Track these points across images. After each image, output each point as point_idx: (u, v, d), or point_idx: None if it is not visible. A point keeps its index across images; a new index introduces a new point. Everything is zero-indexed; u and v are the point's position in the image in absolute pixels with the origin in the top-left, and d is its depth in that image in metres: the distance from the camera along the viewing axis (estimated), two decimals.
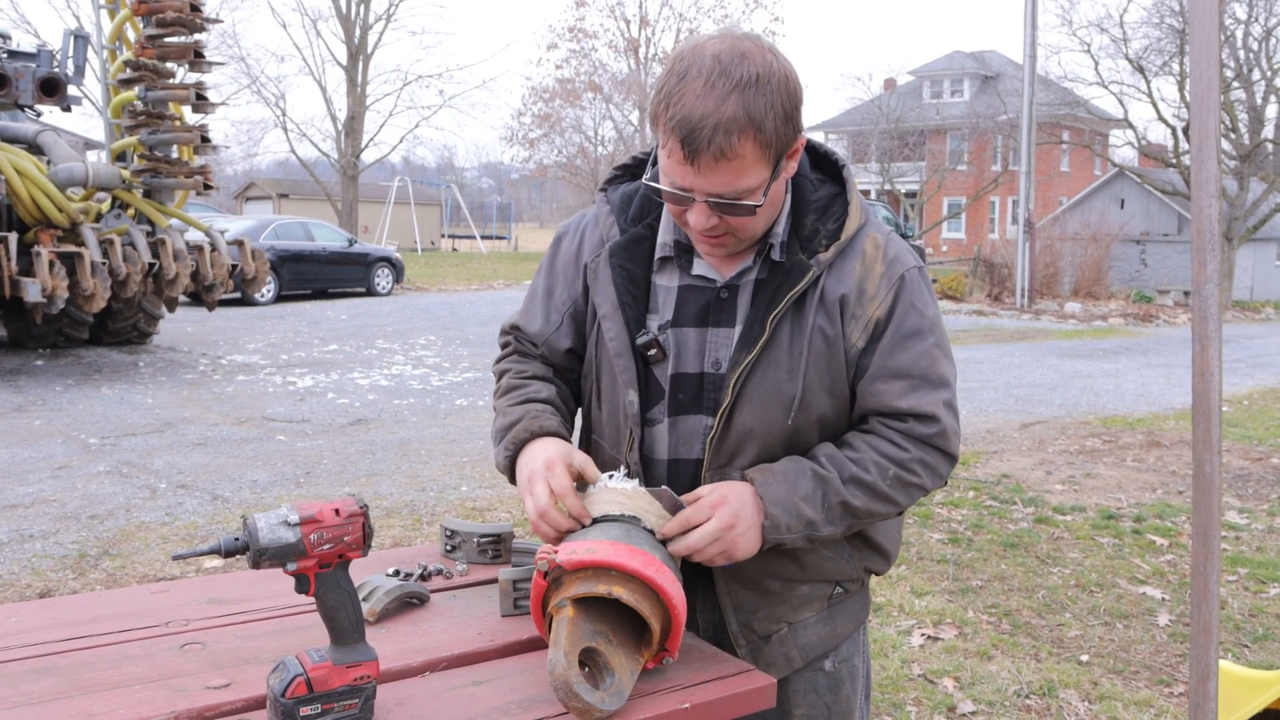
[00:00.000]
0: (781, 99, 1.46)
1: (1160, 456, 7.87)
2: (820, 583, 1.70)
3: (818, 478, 1.56)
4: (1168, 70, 27.00)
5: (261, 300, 19.43)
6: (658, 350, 1.63)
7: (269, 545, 1.27)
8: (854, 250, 1.61)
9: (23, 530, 5.50)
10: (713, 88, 1.43)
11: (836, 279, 1.60)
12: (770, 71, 1.45)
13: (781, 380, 1.58)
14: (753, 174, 1.48)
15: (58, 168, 10.25)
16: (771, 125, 1.45)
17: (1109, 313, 21.97)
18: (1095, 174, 39.57)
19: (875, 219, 1.68)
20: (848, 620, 1.75)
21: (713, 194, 1.49)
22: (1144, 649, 4.20)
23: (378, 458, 7.37)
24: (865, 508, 1.58)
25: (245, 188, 47.84)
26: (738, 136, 1.43)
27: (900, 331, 1.59)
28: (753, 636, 1.69)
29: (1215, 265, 1.90)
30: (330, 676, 1.30)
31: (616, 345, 1.65)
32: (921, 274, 1.64)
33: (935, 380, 1.60)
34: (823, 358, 1.58)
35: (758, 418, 1.59)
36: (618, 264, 1.68)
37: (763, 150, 1.46)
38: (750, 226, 1.56)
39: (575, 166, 49.28)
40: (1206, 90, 1.85)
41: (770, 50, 1.49)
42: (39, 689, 1.40)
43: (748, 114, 1.43)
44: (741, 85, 1.43)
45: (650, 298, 1.68)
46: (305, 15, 64.54)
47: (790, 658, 1.70)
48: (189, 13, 10.42)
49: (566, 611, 1.41)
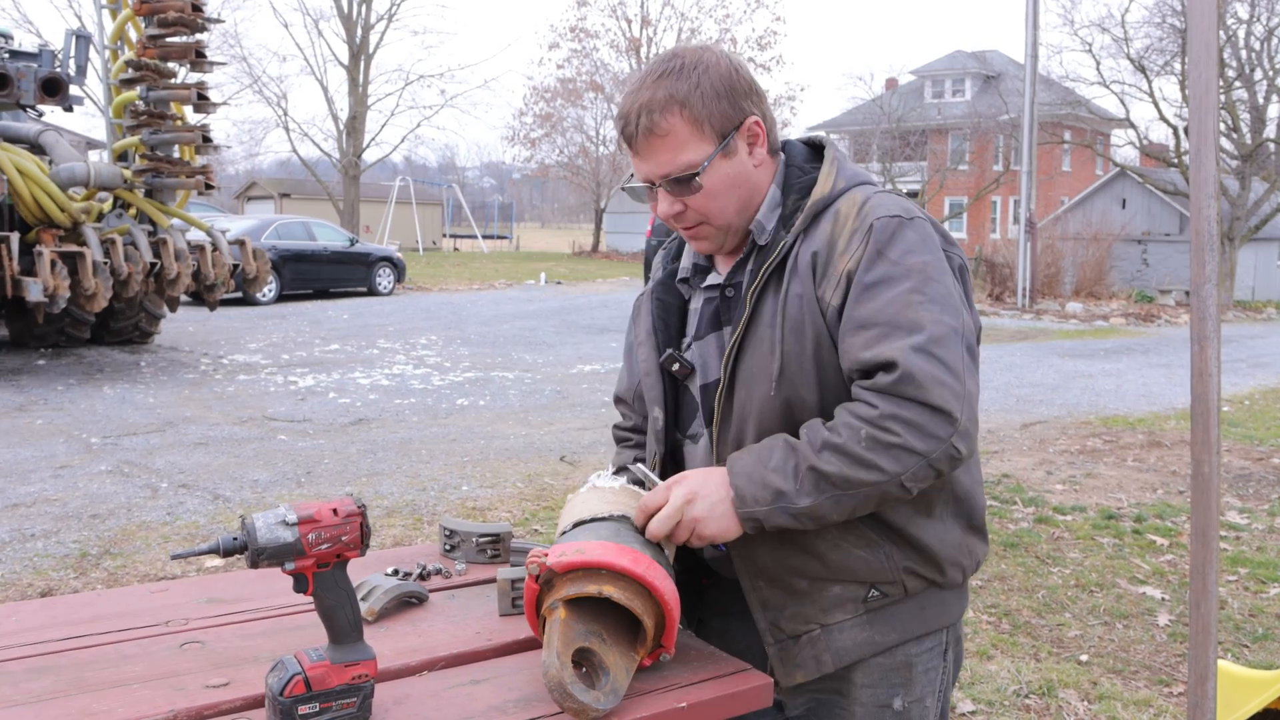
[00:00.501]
0: (710, 79, 1.56)
1: (1161, 456, 7.87)
2: (850, 583, 1.59)
3: (789, 446, 1.50)
4: (1169, 70, 27.00)
5: (263, 300, 19.44)
6: (680, 365, 1.69)
7: (267, 545, 1.28)
8: (829, 212, 1.59)
9: (24, 529, 5.51)
10: (642, 82, 1.59)
11: (809, 241, 1.58)
12: (699, 61, 1.57)
13: (764, 354, 1.57)
14: (690, 149, 1.56)
15: (60, 167, 10.26)
16: (699, 100, 1.55)
17: (1110, 312, 21.96)
18: (1097, 174, 39.56)
19: (865, 186, 1.62)
20: (893, 629, 1.61)
21: (661, 174, 1.59)
22: (1143, 649, 4.20)
23: (378, 457, 7.37)
24: (840, 473, 1.44)
25: (247, 187, 47.84)
26: (660, 113, 1.55)
27: (865, 280, 1.50)
28: (780, 635, 1.62)
29: (1214, 266, 1.90)
30: (328, 675, 1.30)
31: (645, 365, 1.75)
32: (904, 224, 1.53)
33: (905, 325, 1.45)
34: (798, 323, 1.54)
35: (750, 395, 1.59)
36: (656, 297, 1.78)
37: (693, 125, 1.56)
38: (714, 208, 1.61)
39: (577, 166, 49.28)
40: (1205, 91, 1.86)
41: (712, 51, 1.61)
42: (38, 688, 1.41)
43: (669, 94, 1.55)
44: (666, 74, 1.57)
45: (685, 322, 1.76)
46: (307, 15, 64.65)
47: (821, 661, 1.60)
48: (190, 12, 10.43)
49: (559, 613, 1.41)
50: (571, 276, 30.36)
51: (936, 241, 1.55)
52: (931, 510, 1.60)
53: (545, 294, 23.86)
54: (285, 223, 22.56)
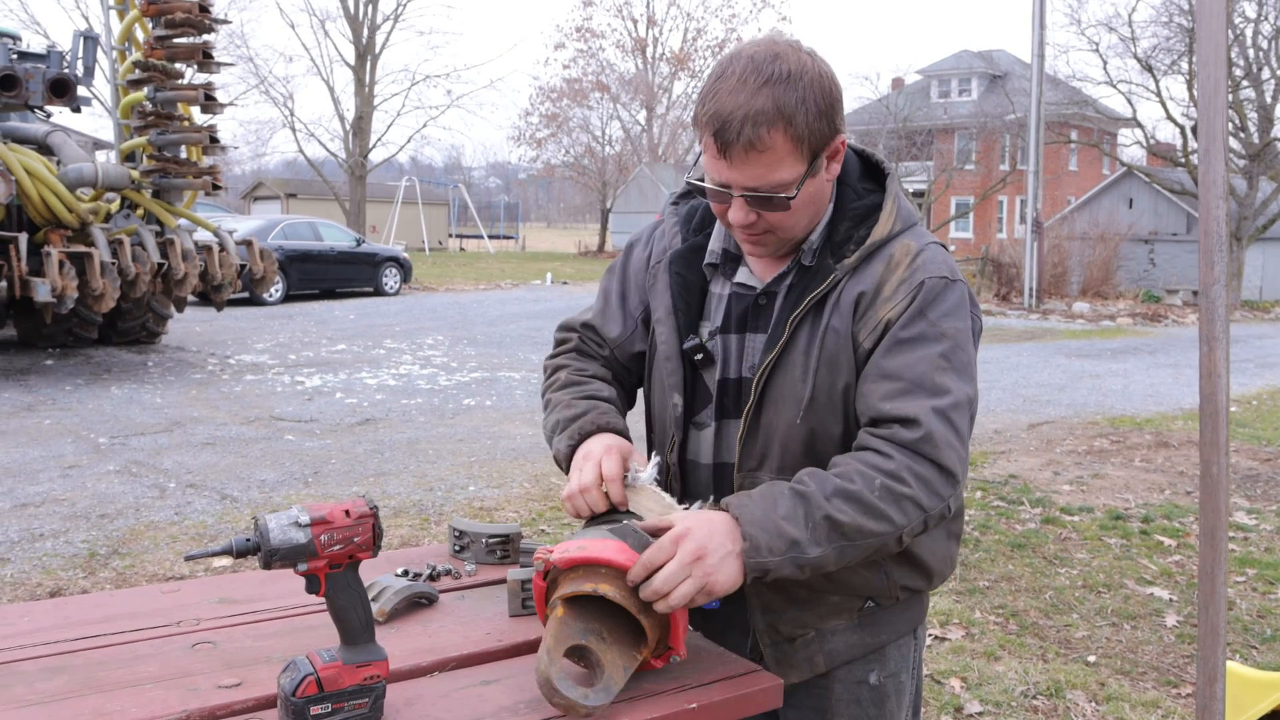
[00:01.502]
0: (815, 95, 1.49)
1: (1168, 457, 7.85)
2: (849, 595, 1.66)
3: (797, 494, 1.47)
4: (1176, 69, 26.92)
5: (270, 300, 19.49)
6: (704, 355, 1.68)
7: (280, 546, 1.29)
8: (881, 254, 1.59)
9: (33, 529, 5.53)
10: (745, 84, 1.47)
11: (857, 280, 1.58)
12: (804, 69, 1.49)
13: (796, 381, 1.58)
14: (785, 167, 1.50)
15: (67, 168, 10.29)
16: (803, 119, 1.48)
17: (1117, 312, 21.92)
18: (1104, 173, 39.48)
19: (921, 231, 1.64)
20: (883, 631, 1.69)
21: (747, 188, 1.52)
22: (1151, 650, 4.20)
23: (385, 457, 7.38)
24: (854, 523, 1.45)
25: (253, 188, 47.93)
26: (767, 128, 1.47)
27: (901, 336, 1.53)
28: (778, 637, 1.67)
29: (1223, 266, 1.89)
30: (340, 676, 1.31)
31: (666, 349, 1.71)
32: (953, 288, 1.57)
33: (930, 388, 1.50)
34: (832, 357, 1.57)
35: (778, 418, 1.60)
36: (675, 271, 1.73)
37: (794, 144, 1.49)
38: (788, 224, 1.58)
39: (582, 166, 49.34)
40: (1214, 91, 1.86)
41: (808, 53, 1.52)
42: (52, 688, 1.41)
43: (777, 107, 1.46)
44: (773, 81, 1.47)
45: (705, 305, 1.72)
46: (313, 16, 64.55)
47: (814, 662, 1.67)
48: (198, 13, 10.45)
49: (557, 611, 1.42)
50: (577, 276, 30.37)
51: (968, 308, 1.59)
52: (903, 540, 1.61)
53: (551, 294, 23.87)
54: (292, 223, 22.59)
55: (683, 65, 48.84)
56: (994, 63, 44.00)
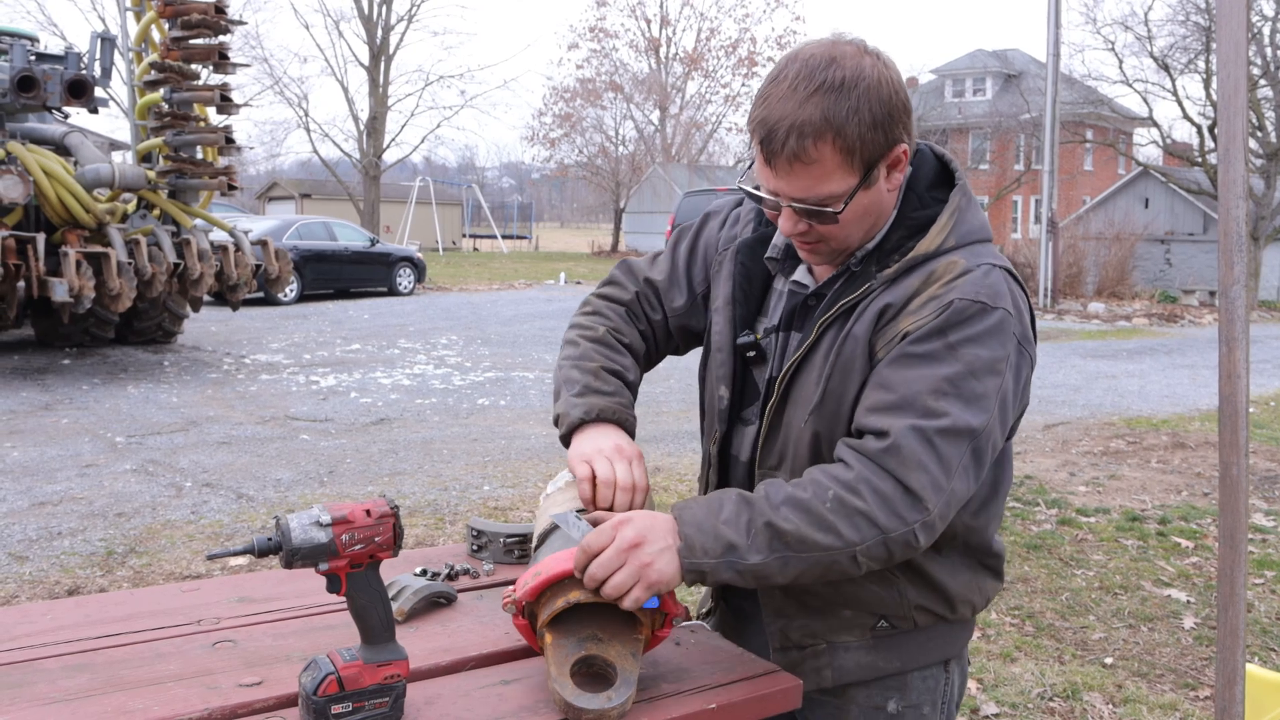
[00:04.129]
0: (870, 104, 1.41)
1: (1185, 458, 7.81)
2: (860, 611, 1.60)
3: (743, 500, 1.43)
4: (1193, 68, 26.78)
5: (284, 300, 19.56)
6: (757, 353, 1.64)
7: (302, 545, 1.29)
8: (923, 269, 1.51)
9: (51, 527, 5.56)
10: (795, 90, 1.41)
11: (891, 291, 1.51)
12: (860, 76, 1.41)
13: (811, 383, 1.54)
14: (834, 180, 1.44)
15: (85, 169, 10.35)
16: (855, 130, 1.41)
17: (1133, 313, 21.80)
18: (1119, 173, 39.31)
19: (981, 250, 1.54)
20: (897, 658, 1.62)
21: (794, 198, 1.47)
22: (1169, 652, 4.18)
23: (400, 457, 7.41)
24: (797, 532, 1.38)
25: (268, 188, 48.14)
26: (813, 140, 1.41)
27: (911, 351, 1.45)
28: (787, 643, 1.64)
29: (1242, 267, 1.89)
30: (361, 675, 1.31)
31: (719, 340, 1.69)
32: (987, 314, 1.44)
33: (919, 408, 1.41)
34: (846, 363, 1.51)
35: (792, 417, 1.57)
36: (740, 260, 1.70)
37: (844, 156, 1.42)
38: (840, 235, 1.52)
39: (596, 166, 49.37)
40: (1234, 91, 1.85)
41: (872, 55, 1.45)
42: (75, 685, 1.42)
43: (825, 118, 1.40)
44: (824, 89, 1.40)
45: (766, 299, 1.69)
46: (327, 16, 64.83)
47: (822, 675, 1.62)
48: (214, 15, 10.50)
49: (546, 639, 1.43)
50: (591, 276, 30.40)
51: (1005, 339, 1.46)
52: (941, 549, 1.58)
53: (565, 294, 23.90)
54: (306, 223, 22.67)
55: (696, 65, 48.85)
56: (1009, 62, 43.86)
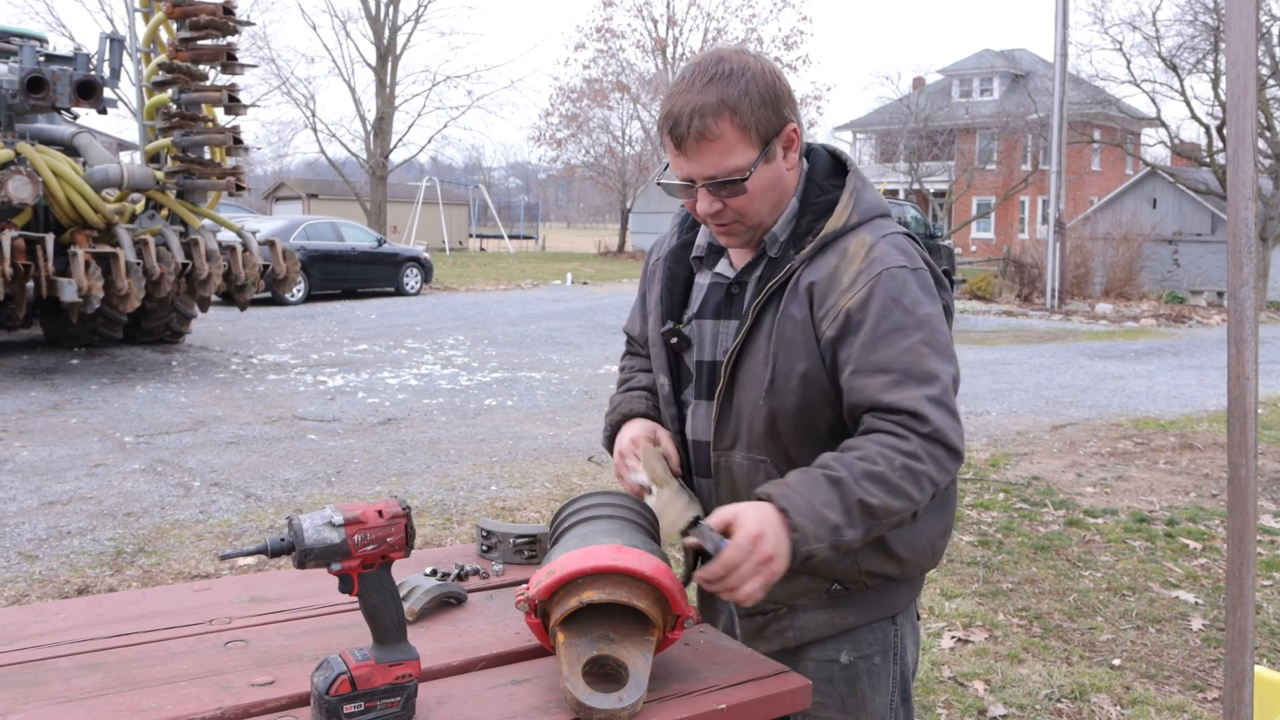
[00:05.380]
0: (757, 86, 1.63)
1: (1193, 459, 7.80)
2: (816, 578, 1.75)
3: (831, 480, 1.55)
4: (1201, 68, 26.68)
5: (292, 300, 19.57)
6: (679, 339, 1.83)
7: (314, 546, 1.30)
8: (837, 246, 1.69)
9: (60, 527, 5.58)
10: (692, 84, 1.64)
11: (812, 270, 1.69)
12: (744, 66, 1.64)
13: (759, 364, 1.70)
14: (738, 153, 1.64)
15: (93, 169, 10.38)
16: (747, 107, 1.62)
17: (1141, 313, 21.74)
18: (1127, 173, 39.18)
19: (881, 224, 1.73)
20: (851, 613, 1.77)
21: (706, 176, 1.66)
22: (1177, 653, 4.18)
23: (408, 457, 7.42)
24: (882, 504, 1.54)
25: (275, 188, 48.19)
26: (713, 118, 1.61)
27: (880, 328, 1.62)
28: (749, 611, 1.78)
29: (1251, 268, 1.89)
30: (373, 675, 1.32)
31: (652, 335, 1.90)
32: (915, 275, 1.67)
33: (920, 376, 1.61)
34: (790, 342, 1.67)
35: (745, 400, 1.73)
36: (667, 266, 1.91)
37: (742, 131, 1.63)
38: (751, 209, 1.69)
39: (602, 166, 49.34)
40: (1243, 92, 1.85)
41: (751, 55, 1.68)
42: (88, 684, 1.43)
43: (721, 99, 1.61)
44: (716, 78, 1.63)
45: (689, 295, 1.87)
46: (335, 17, 64.73)
47: (785, 636, 1.78)
48: (222, 16, 10.53)
49: (559, 638, 1.44)
50: (597, 277, 30.40)
51: (932, 290, 1.69)
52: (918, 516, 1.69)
53: (571, 294, 23.90)
54: (314, 223, 22.68)
55: None
56: (1016, 62, 43.75)
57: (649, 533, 1.65)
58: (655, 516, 1.75)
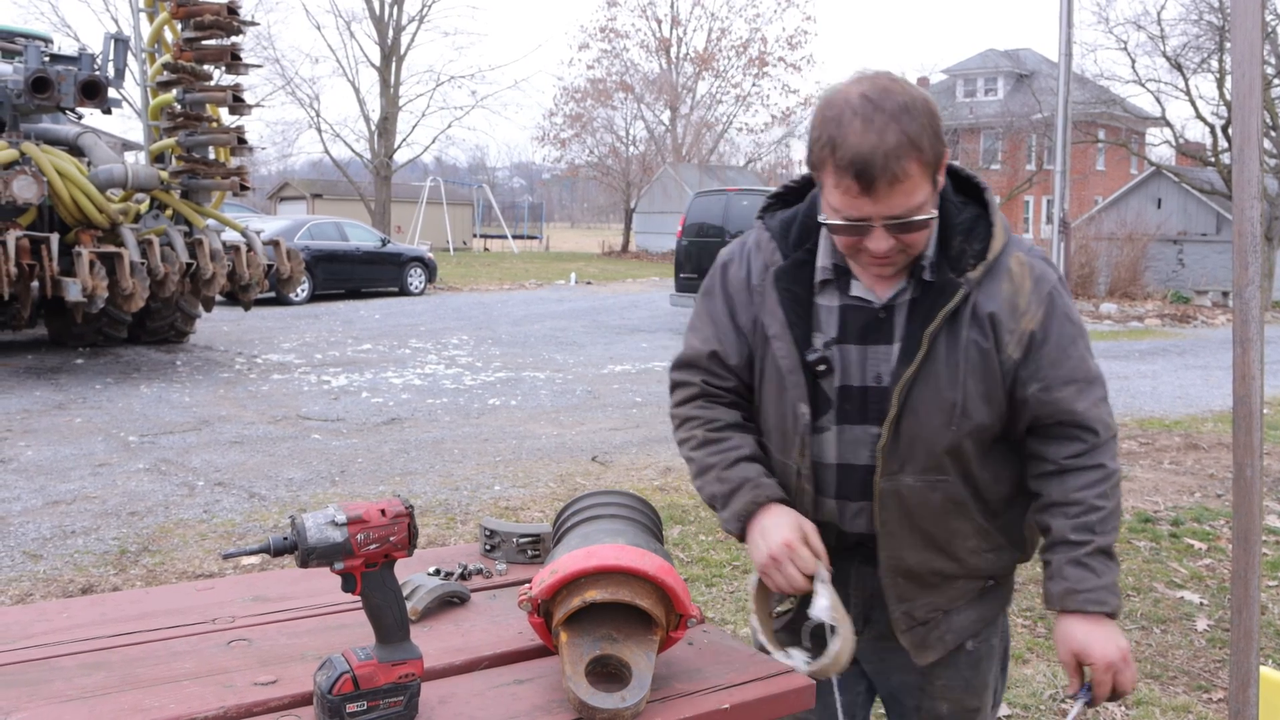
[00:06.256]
0: (929, 118, 1.60)
1: (1198, 459, 7.78)
2: (976, 578, 1.85)
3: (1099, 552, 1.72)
4: (1206, 67, 26.65)
5: (296, 300, 19.59)
6: (826, 366, 1.77)
7: (317, 545, 1.30)
8: (1000, 269, 1.73)
9: (65, 526, 5.59)
10: (871, 123, 1.57)
11: (986, 296, 1.71)
12: (913, 98, 1.60)
13: (942, 390, 1.71)
14: (921, 191, 1.62)
15: (98, 169, 10.40)
16: (928, 143, 1.59)
17: (1145, 313, 21.71)
18: (1132, 173, 39.14)
19: (1016, 238, 1.80)
20: (991, 606, 1.90)
21: (890, 217, 1.62)
22: (1182, 654, 4.17)
23: (411, 456, 7.42)
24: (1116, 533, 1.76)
25: (280, 188, 48.25)
26: (905, 160, 1.57)
27: (1062, 343, 1.73)
28: (913, 622, 1.83)
29: (1257, 267, 1.88)
30: (376, 674, 1.32)
31: (788, 363, 1.78)
32: (1063, 284, 1.78)
33: (1092, 379, 1.76)
34: (979, 368, 1.70)
35: (921, 425, 1.72)
36: (783, 287, 1.81)
37: (925, 168, 1.60)
38: (920, 242, 1.69)
39: (606, 166, 49.35)
40: (1249, 91, 1.84)
41: (904, 81, 1.66)
42: (91, 683, 1.43)
43: (909, 138, 1.57)
44: (896, 114, 1.57)
45: (813, 317, 1.80)
46: (339, 17, 65.02)
47: (945, 640, 1.85)
48: (226, 16, 10.54)
49: (561, 638, 1.44)
50: (601, 277, 30.41)
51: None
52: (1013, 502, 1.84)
53: (575, 294, 23.91)
54: (318, 223, 22.71)
55: (707, 65, 48.80)
56: (1020, 62, 43.72)
57: (652, 532, 1.65)
58: (658, 516, 1.74)
